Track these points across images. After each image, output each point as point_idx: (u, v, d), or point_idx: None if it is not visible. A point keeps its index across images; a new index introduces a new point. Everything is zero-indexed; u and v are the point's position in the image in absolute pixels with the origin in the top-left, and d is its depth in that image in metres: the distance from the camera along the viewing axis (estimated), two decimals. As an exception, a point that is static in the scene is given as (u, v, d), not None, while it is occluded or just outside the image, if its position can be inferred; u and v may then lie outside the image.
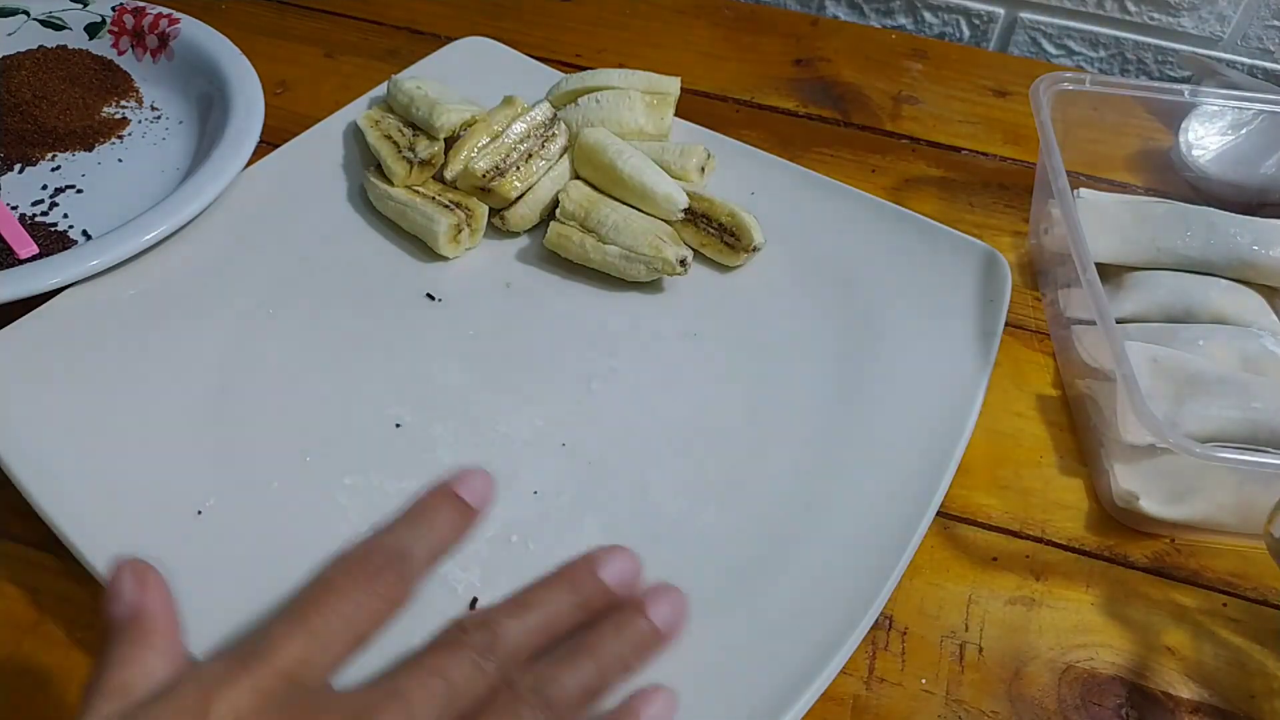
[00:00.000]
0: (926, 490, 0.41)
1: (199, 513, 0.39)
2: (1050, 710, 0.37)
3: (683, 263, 0.48)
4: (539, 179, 0.51)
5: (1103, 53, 0.72)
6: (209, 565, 0.37)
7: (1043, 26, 0.72)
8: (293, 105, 0.61)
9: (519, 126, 0.52)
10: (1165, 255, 0.50)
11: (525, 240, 0.52)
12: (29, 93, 0.55)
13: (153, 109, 0.59)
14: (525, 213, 0.51)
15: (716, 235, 0.50)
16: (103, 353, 0.44)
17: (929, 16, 0.74)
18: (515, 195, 0.50)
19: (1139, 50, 0.71)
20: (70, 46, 0.60)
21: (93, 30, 0.61)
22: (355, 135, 0.56)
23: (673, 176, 0.51)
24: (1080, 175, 0.57)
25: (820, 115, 0.64)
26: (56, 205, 0.52)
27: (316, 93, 0.62)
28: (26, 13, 0.61)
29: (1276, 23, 0.67)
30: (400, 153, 0.51)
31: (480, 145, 0.51)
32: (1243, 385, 0.44)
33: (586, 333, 0.48)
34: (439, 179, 0.52)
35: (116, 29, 0.61)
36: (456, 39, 0.63)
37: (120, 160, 0.56)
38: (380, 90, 0.58)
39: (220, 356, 0.45)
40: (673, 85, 0.56)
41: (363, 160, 0.55)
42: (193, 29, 0.60)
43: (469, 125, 0.52)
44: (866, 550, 0.39)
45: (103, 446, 0.40)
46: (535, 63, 0.61)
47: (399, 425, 0.43)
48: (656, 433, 0.44)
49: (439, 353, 0.46)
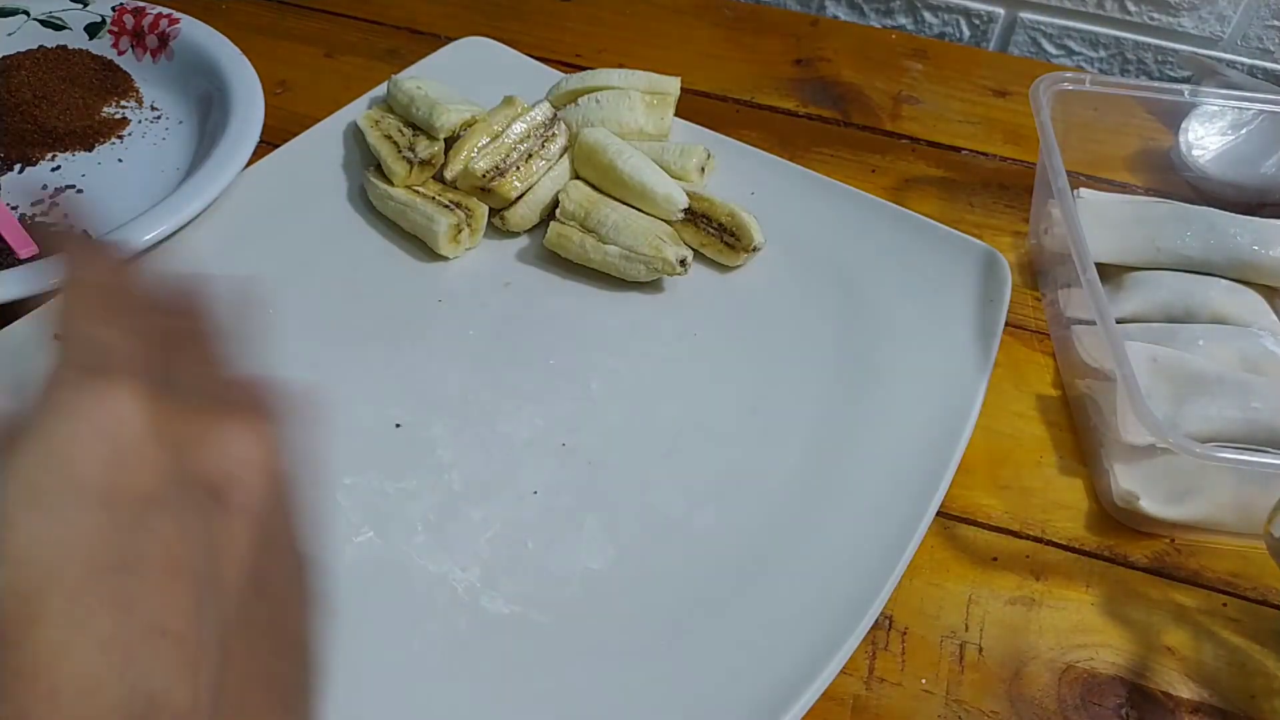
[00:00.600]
0: (926, 490, 0.41)
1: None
2: (1050, 710, 0.37)
3: (683, 263, 0.48)
4: (539, 179, 0.51)
5: (1103, 53, 0.72)
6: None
7: (1043, 26, 0.72)
8: (293, 105, 0.61)
9: (519, 126, 0.52)
10: (1165, 255, 0.50)
11: (525, 240, 0.52)
12: (29, 93, 0.55)
13: (153, 109, 0.59)
14: (525, 213, 0.51)
15: (716, 235, 0.50)
16: (103, 353, 0.44)
17: (929, 16, 0.74)
18: (515, 195, 0.50)
19: (1139, 50, 0.71)
20: (70, 46, 0.60)
21: (93, 30, 0.61)
22: (355, 135, 0.56)
23: (673, 176, 0.51)
24: (1080, 175, 0.57)
25: (820, 115, 0.64)
26: (56, 205, 0.52)
27: (316, 93, 0.62)
28: (26, 13, 0.61)
29: (1276, 23, 0.67)
30: (400, 153, 0.51)
31: (480, 145, 0.51)
32: (1243, 385, 0.44)
33: (586, 333, 0.48)
34: (439, 179, 0.52)
35: (116, 29, 0.61)
36: (456, 39, 0.63)
37: (120, 160, 0.56)
38: (380, 90, 0.58)
39: (220, 356, 0.45)
40: (673, 85, 0.56)
41: (363, 160, 0.55)
42: (193, 29, 0.60)
43: (469, 125, 0.52)
44: (866, 550, 0.39)
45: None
46: (535, 63, 0.61)
47: (399, 425, 0.43)
48: (656, 433, 0.44)
49: (439, 353, 0.46)
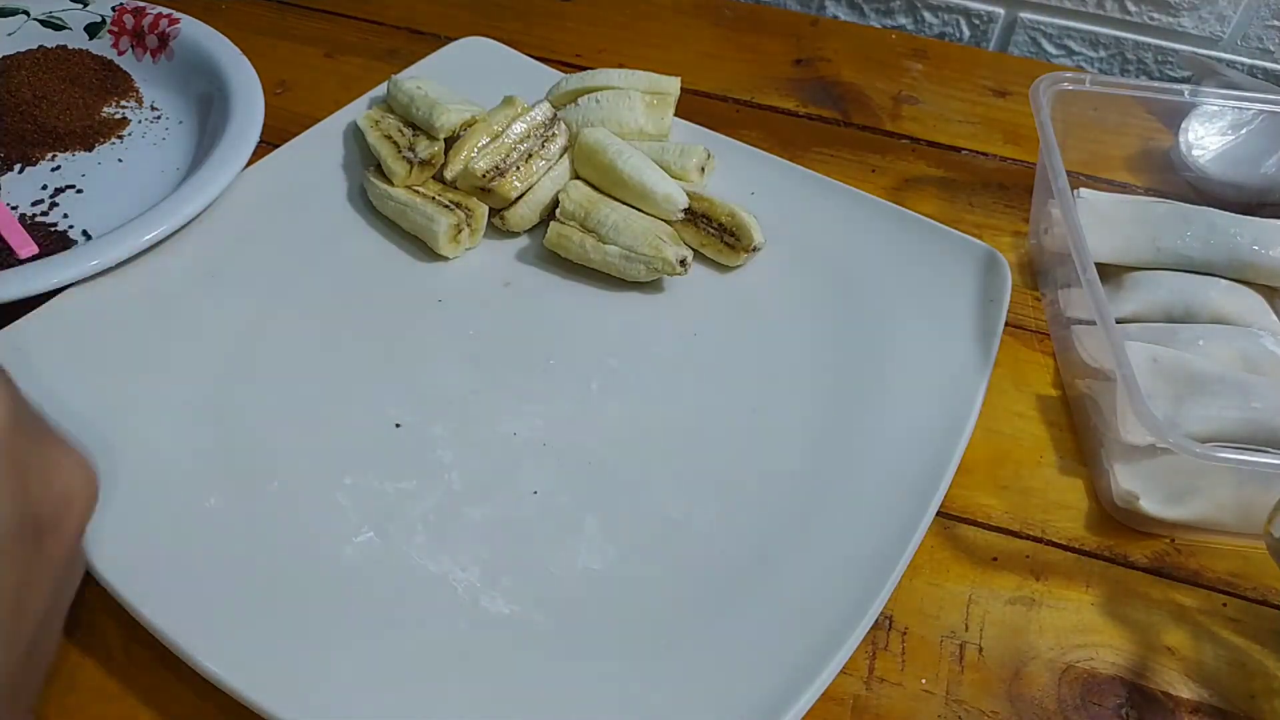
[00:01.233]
0: (926, 490, 0.41)
1: (199, 512, 0.39)
2: (1050, 710, 0.37)
3: (683, 263, 0.48)
4: (539, 179, 0.51)
5: (1103, 53, 0.72)
6: (209, 564, 0.37)
7: (1043, 26, 0.72)
8: (293, 105, 0.61)
9: (519, 126, 0.52)
10: (1165, 255, 0.50)
11: (525, 240, 0.52)
12: (29, 93, 0.55)
13: (153, 109, 0.59)
14: (525, 213, 0.51)
15: (716, 235, 0.50)
16: (102, 353, 0.44)
17: (929, 16, 0.74)
18: (515, 195, 0.50)
19: (1139, 50, 0.71)
20: (70, 46, 0.60)
21: (93, 30, 0.61)
22: (355, 135, 0.56)
23: (673, 176, 0.51)
24: (1080, 175, 0.57)
25: (820, 115, 0.64)
26: (56, 205, 0.52)
27: (316, 93, 0.62)
28: (26, 13, 0.61)
29: (1276, 23, 0.67)
30: (400, 153, 0.51)
31: (480, 145, 0.51)
32: (1243, 385, 0.44)
33: (586, 333, 0.48)
34: (439, 179, 0.52)
35: (116, 29, 0.61)
36: (456, 39, 0.63)
37: (120, 160, 0.56)
38: (380, 90, 0.58)
39: (220, 356, 0.45)
40: (673, 85, 0.56)
41: (363, 160, 0.55)
42: (193, 29, 0.60)
43: (469, 125, 0.52)
44: (866, 550, 0.39)
45: (103, 446, 0.40)
46: (535, 63, 0.61)
47: (399, 425, 0.43)
48: (656, 433, 0.44)
49: (439, 353, 0.46)
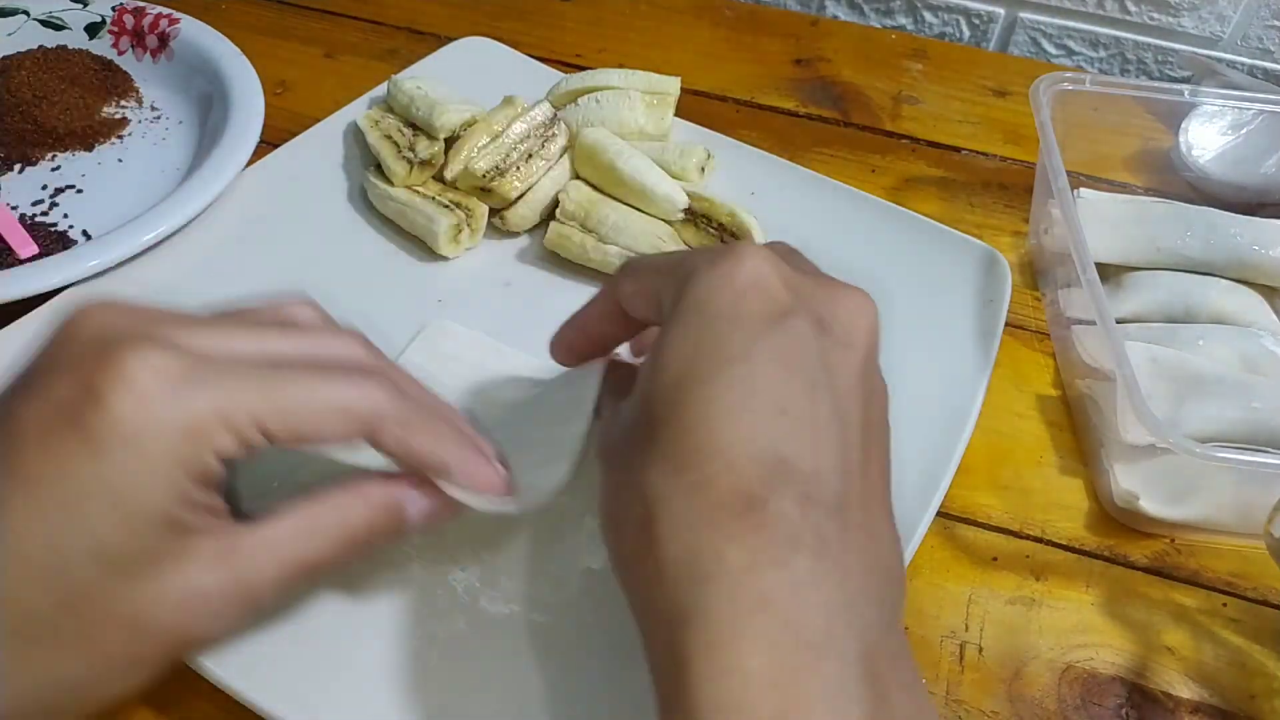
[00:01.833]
0: (926, 490, 0.41)
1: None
2: (1050, 710, 0.37)
3: (683, 263, 0.48)
4: (539, 179, 0.51)
5: (1103, 53, 0.72)
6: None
7: (1043, 26, 0.72)
8: (293, 105, 0.61)
9: (519, 126, 0.52)
10: (1165, 255, 0.50)
11: (525, 240, 0.52)
12: (29, 93, 0.55)
13: (153, 109, 0.59)
14: (525, 213, 0.51)
15: (716, 235, 0.50)
16: (103, 353, 0.44)
17: (929, 16, 0.74)
18: (515, 195, 0.50)
19: (1139, 50, 0.71)
20: (70, 46, 0.60)
21: (93, 30, 0.61)
22: (355, 135, 0.56)
23: (673, 176, 0.51)
24: (1080, 175, 0.57)
25: (820, 115, 0.64)
26: (56, 205, 0.52)
27: (316, 93, 0.62)
28: (26, 13, 0.61)
29: (1276, 23, 0.67)
30: (400, 153, 0.51)
31: (480, 145, 0.51)
32: (1243, 385, 0.44)
33: (586, 333, 0.48)
34: (439, 179, 0.52)
35: (116, 29, 0.61)
36: (456, 39, 0.63)
37: (120, 160, 0.56)
38: (380, 90, 0.58)
39: (220, 356, 0.45)
40: (673, 85, 0.56)
41: (363, 160, 0.55)
42: (193, 29, 0.60)
43: (469, 125, 0.52)
44: (866, 550, 0.39)
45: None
46: (535, 63, 0.61)
47: (399, 425, 0.43)
48: (656, 433, 0.44)
49: (439, 353, 0.46)
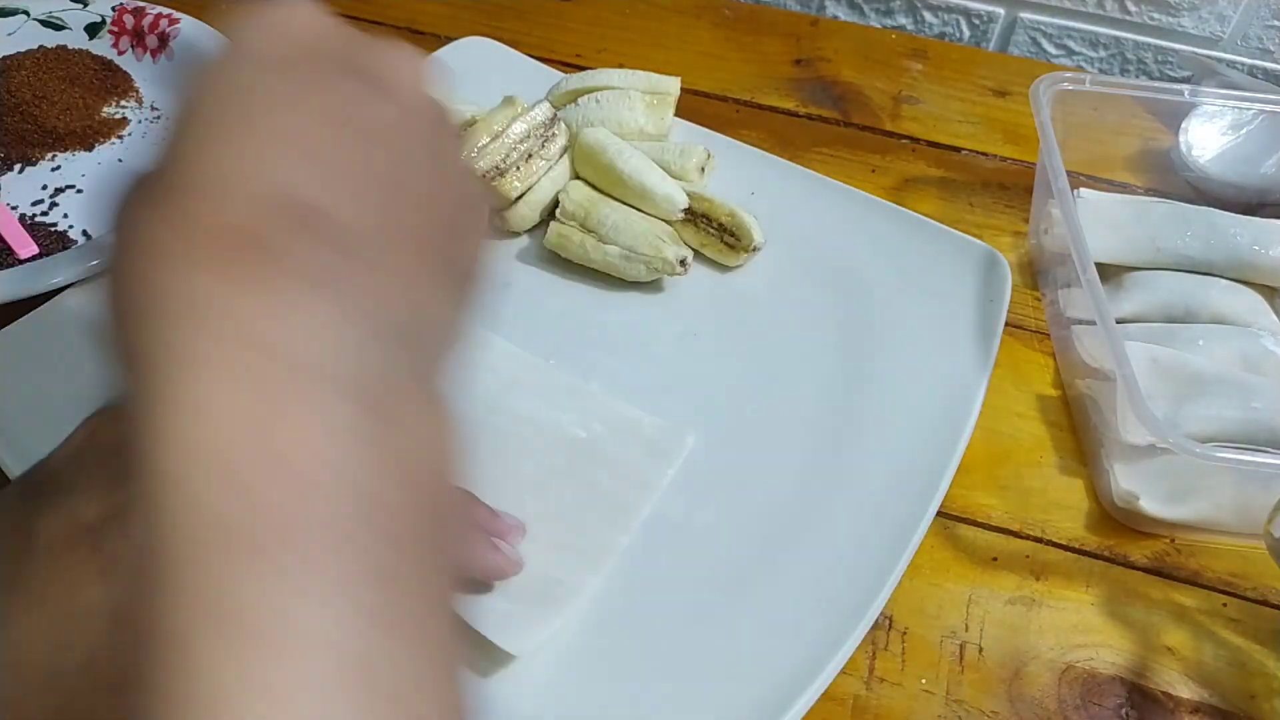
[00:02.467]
0: (926, 490, 0.41)
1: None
2: (1050, 710, 0.37)
3: (683, 263, 0.48)
4: (539, 179, 0.51)
5: (1103, 53, 0.72)
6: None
7: (1043, 26, 0.72)
8: (293, 105, 0.61)
9: (519, 126, 0.52)
10: (1165, 255, 0.50)
11: (525, 240, 0.52)
12: (29, 93, 0.55)
13: (153, 109, 0.59)
14: (525, 213, 0.51)
15: (716, 235, 0.50)
16: (102, 353, 0.44)
17: (929, 16, 0.74)
18: (515, 195, 0.50)
19: (1139, 50, 0.71)
20: (70, 46, 0.60)
21: (93, 30, 0.61)
22: (355, 135, 0.56)
23: (673, 176, 0.51)
24: (1080, 175, 0.57)
25: (820, 115, 0.64)
26: (56, 205, 0.52)
27: (316, 93, 0.62)
28: (26, 13, 0.61)
29: (1276, 23, 0.67)
30: (400, 153, 0.51)
31: (480, 145, 0.51)
32: (1243, 385, 0.44)
33: (587, 333, 0.48)
34: (439, 179, 0.52)
35: (116, 29, 0.61)
36: (456, 39, 0.63)
37: (120, 160, 0.56)
38: (380, 90, 0.57)
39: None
40: (673, 85, 0.56)
41: (363, 160, 0.54)
42: (193, 29, 0.60)
43: (469, 125, 0.52)
44: (866, 550, 0.39)
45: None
46: (535, 63, 0.61)
47: (399, 425, 0.43)
48: (656, 433, 0.44)
49: (439, 353, 0.46)
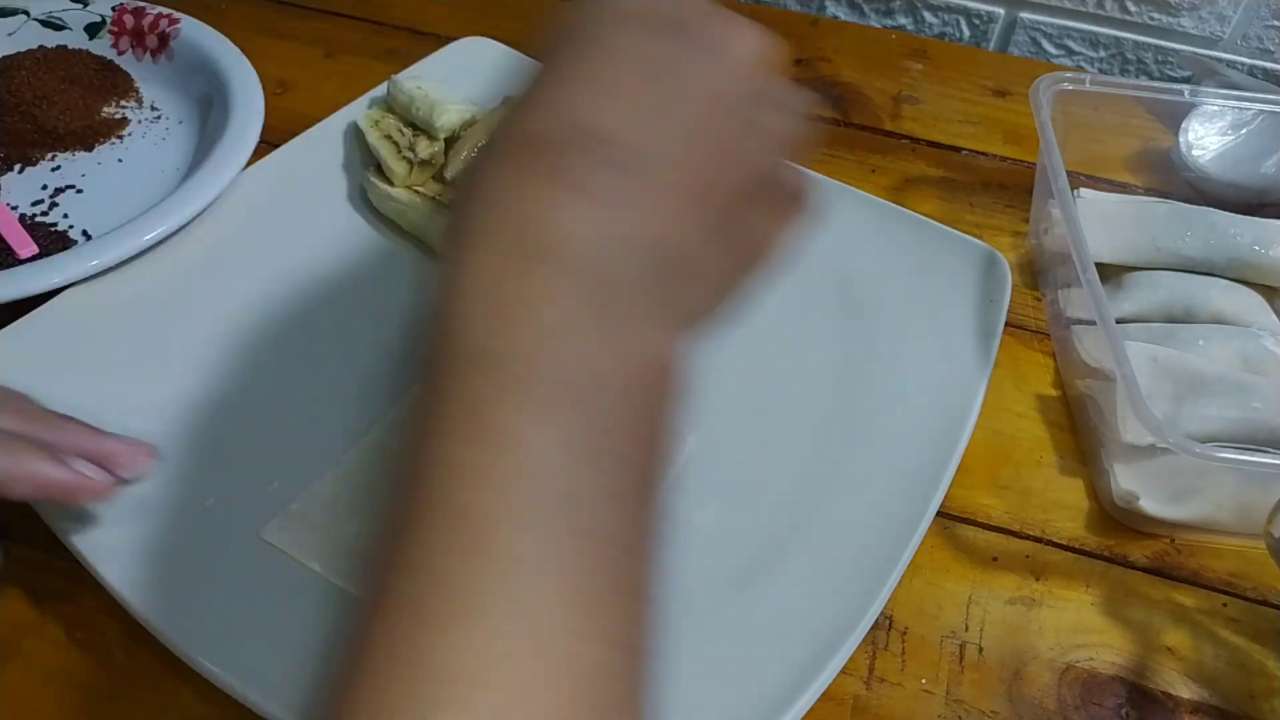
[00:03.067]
0: (926, 490, 0.41)
1: (199, 513, 0.39)
2: (1050, 710, 0.37)
3: (683, 263, 0.48)
4: (539, 179, 0.51)
5: (1103, 53, 0.72)
6: (209, 565, 0.37)
7: (1043, 26, 0.72)
8: (293, 105, 0.61)
9: (519, 126, 0.52)
10: (1165, 255, 0.50)
11: (525, 240, 0.52)
12: (29, 93, 0.55)
13: (153, 109, 0.59)
14: (525, 213, 0.51)
15: (716, 235, 0.50)
16: (102, 353, 0.44)
17: (929, 16, 0.74)
18: (515, 195, 0.50)
19: (1139, 50, 0.71)
20: (70, 46, 0.60)
21: (93, 30, 0.61)
22: (355, 135, 0.56)
23: (673, 176, 0.51)
24: (1080, 175, 0.57)
25: (820, 115, 0.64)
26: (56, 205, 0.52)
27: (316, 93, 0.62)
28: (26, 13, 0.61)
29: (1276, 23, 0.67)
30: (400, 153, 0.51)
31: (480, 145, 0.51)
32: (1242, 385, 0.44)
33: (586, 333, 0.48)
34: (439, 179, 0.52)
35: (116, 29, 0.61)
36: (456, 39, 0.63)
37: (120, 160, 0.56)
38: (380, 90, 0.58)
39: (220, 356, 0.45)
40: (673, 85, 0.56)
41: (363, 160, 0.54)
42: (193, 29, 0.60)
43: (469, 125, 0.52)
44: (866, 550, 0.39)
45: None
46: (535, 63, 0.61)
47: (399, 425, 0.43)
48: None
49: (439, 353, 0.46)
